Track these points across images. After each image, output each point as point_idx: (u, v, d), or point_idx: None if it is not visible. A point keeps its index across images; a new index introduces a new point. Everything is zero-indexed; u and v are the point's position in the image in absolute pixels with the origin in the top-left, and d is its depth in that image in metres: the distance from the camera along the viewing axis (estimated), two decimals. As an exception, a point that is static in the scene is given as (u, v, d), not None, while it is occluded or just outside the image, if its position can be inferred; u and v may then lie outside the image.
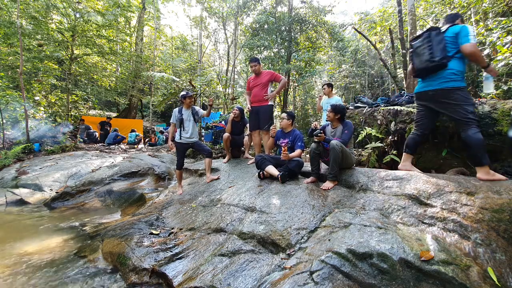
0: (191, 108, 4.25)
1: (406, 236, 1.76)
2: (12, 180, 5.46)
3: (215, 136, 8.85)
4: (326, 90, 5.16)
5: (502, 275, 1.51)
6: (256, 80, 4.19)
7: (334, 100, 5.00)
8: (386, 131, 4.82)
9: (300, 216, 2.40)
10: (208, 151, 4.29)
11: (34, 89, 11.10)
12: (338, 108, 3.26)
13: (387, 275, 1.54)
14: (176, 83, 11.94)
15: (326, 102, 5.08)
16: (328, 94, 5.16)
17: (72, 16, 11.07)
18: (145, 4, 15.06)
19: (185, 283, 1.94)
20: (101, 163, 6.47)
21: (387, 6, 13.78)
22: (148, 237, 2.73)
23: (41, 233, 3.35)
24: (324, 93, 5.23)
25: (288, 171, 3.26)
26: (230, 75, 15.05)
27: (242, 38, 16.04)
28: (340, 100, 5.09)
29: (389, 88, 16.36)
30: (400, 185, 2.41)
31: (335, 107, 3.27)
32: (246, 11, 12.86)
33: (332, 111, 3.27)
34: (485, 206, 1.84)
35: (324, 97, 5.27)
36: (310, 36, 12.75)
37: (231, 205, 2.99)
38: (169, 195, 4.38)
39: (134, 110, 15.67)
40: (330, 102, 4.91)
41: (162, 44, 21.54)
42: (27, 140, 7.73)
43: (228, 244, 2.26)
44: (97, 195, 4.88)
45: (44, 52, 10.34)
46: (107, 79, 14.88)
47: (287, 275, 1.74)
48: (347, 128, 3.17)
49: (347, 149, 3.01)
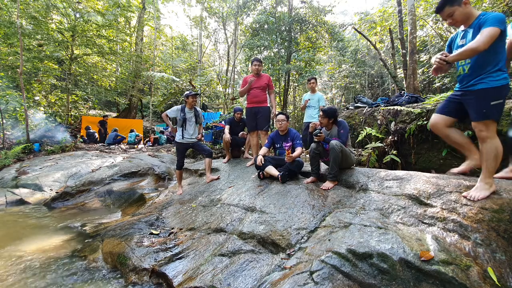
0: (193, 108, 4.24)
1: (406, 236, 1.76)
2: (12, 180, 5.45)
3: (215, 136, 8.86)
4: (313, 84, 4.86)
5: (502, 275, 1.51)
6: (255, 81, 4.19)
7: (317, 96, 4.81)
8: (386, 131, 4.82)
9: (300, 216, 2.40)
10: (208, 151, 4.29)
11: (34, 89, 11.10)
12: (329, 112, 3.18)
13: (387, 275, 1.54)
14: (176, 83, 11.95)
15: (308, 98, 4.85)
16: (313, 89, 4.91)
17: (72, 16, 11.08)
18: (145, 4, 15.06)
19: (185, 283, 1.94)
20: (101, 163, 6.47)
21: (387, 6, 13.78)
22: (148, 237, 2.73)
23: (41, 233, 3.35)
24: (311, 87, 4.91)
25: (288, 171, 3.26)
26: (230, 75, 15.05)
27: (242, 38, 16.05)
28: (323, 97, 4.89)
29: (389, 88, 16.36)
30: (400, 185, 2.41)
31: (327, 112, 3.18)
32: (246, 11, 12.86)
33: (325, 117, 3.18)
34: (485, 206, 1.84)
35: (306, 94, 5.01)
36: (310, 36, 12.76)
37: (231, 205, 2.99)
38: (169, 195, 4.38)
39: (134, 110, 15.66)
40: (313, 99, 4.80)
41: (162, 44, 21.55)
42: (27, 140, 7.73)
43: (228, 244, 2.26)
44: (97, 195, 4.88)
45: (44, 52, 10.35)
46: (107, 79, 14.88)
47: (287, 275, 1.74)
48: (342, 127, 3.14)
49: (347, 149, 3.00)
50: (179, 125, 4.14)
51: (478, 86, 1.95)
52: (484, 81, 1.93)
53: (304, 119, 4.99)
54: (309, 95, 4.91)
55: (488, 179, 1.95)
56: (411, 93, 6.63)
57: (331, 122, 3.22)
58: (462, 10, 1.94)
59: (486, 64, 1.92)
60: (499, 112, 1.93)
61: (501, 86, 1.89)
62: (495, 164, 1.94)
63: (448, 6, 1.97)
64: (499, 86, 1.89)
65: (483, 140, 1.97)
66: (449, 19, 2.01)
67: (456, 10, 1.95)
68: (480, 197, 1.92)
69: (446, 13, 2.00)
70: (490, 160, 1.94)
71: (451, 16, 1.99)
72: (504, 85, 1.89)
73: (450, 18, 2.00)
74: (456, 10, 1.95)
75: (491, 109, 1.91)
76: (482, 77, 1.93)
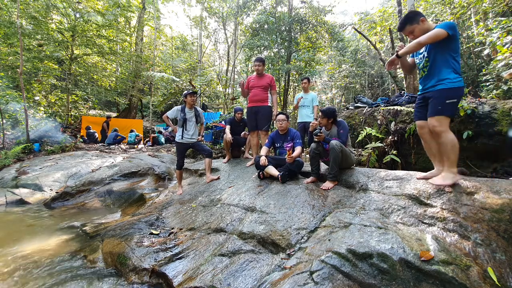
0: (193, 108, 4.23)
1: (406, 236, 1.76)
2: (12, 180, 5.45)
3: (215, 136, 8.86)
4: (305, 84, 4.89)
5: (502, 275, 1.51)
6: (257, 80, 4.18)
7: (310, 96, 4.84)
8: (386, 131, 4.82)
9: (300, 216, 2.40)
10: (208, 151, 4.28)
11: (34, 89, 11.10)
12: (329, 112, 3.18)
13: (387, 275, 1.54)
14: (176, 83, 11.96)
15: (301, 96, 4.87)
16: (306, 89, 4.95)
17: (72, 16, 11.07)
18: (145, 4, 15.05)
19: (185, 283, 1.94)
20: (101, 163, 6.47)
21: (387, 6, 13.79)
22: (148, 237, 2.73)
23: (41, 233, 3.35)
24: (304, 87, 4.96)
25: (288, 171, 3.26)
26: (230, 75, 15.06)
27: (242, 38, 16.05)
28: (316, 96, 4.91)
29: (389, 88, 16.36)
30: (400, 185, 2.41)
31: (326, 112, 3.18)
32: (246, 11, 12.86)
33: (325, 117, 3.18)
34: (485, 206, 1.85)
35: (299, 94, 5.02)
36: (310, 36, 12.76)
37: (231, 205, 2.99)
38: (169, 195, 4.38)
39: (134, 110, 15.66)
40: (307, 99, 4.82)
41: (162, 44, 21.54)
42: (27, 140, 7.73)
43: (228, 244, 2.26)
44: (97, 195, 4.88)
45: (44, 52, 10.34)
46: (107, 79, 14.87)
47: (287, 275, 1.74)
48: (342, 127, 3.14)
49: (347, 149, 3.00)
50: (179, 125, 4.14)
51: (438, 87, 2.19)
52: (443, 83, 2.17)
53: (298, 118, 5.02)
54: (302, 94, 4.94)
55: (451, 168, 2.19)
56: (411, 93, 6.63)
57: (330, 122, 3.21)
58: (420, 27, 2.21)
59: (444, 67, 2.17)
60: (452, 110, 2.18)
61: (457, 87, 2.14)
62: (454, 154, 2.17)
63: (409, 25, 2.26)
64: (455, 87, 2.14)
65: (438, 134, 2.21)
66: (410, 35, 2.28)
67: (416, 28, 2.23)
68: (443, 184, 2.17)
69: (407, 31, 2.28)
70: (448, 151, 2.18)
71: (412, 33, 2.26)
72: (460, 86, 2.15)
73: (411, 34, 2.27)
74: (415, 27, 2.23)
75: (446, 106, 2.15)
76: (441, 78, 2.18)
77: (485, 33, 7.04)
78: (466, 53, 10.70)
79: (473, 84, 8.92)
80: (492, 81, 6.11)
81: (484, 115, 3.73)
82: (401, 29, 2.32)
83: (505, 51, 5.30)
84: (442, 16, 10.06)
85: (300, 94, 4.99)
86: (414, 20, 2.23)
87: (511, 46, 5.29)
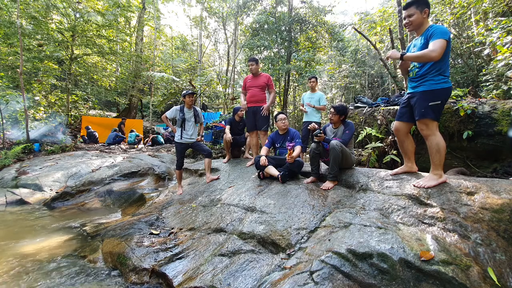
0: (193, 108, 4.24)
1: (406, 236, 1.76)
2: (12, 180, 5.45)
3: (215, 136, 8.86)
4: (313, 83, 4.79)
5: (502, 275, 1.51)
6: (253, 81, 4.18)
7: (317, 95, 4.75)
8: (386, 131, 4.82)
9: (300, 216, 2.40)
10: (207, 151, 4.28)
11: (34, 89, 11.08)
12: (341, 109, 3.18)
13: (387, 275, 1.54)
14: (176, 83, 11.95)
15: (308, 97, 4.79)
16: (313, 88, 4.85)
17: (72, 16, 11.07)
18: (145, 4, 15.06)
19: (185, 283, 1.94)
20: (101, 163, 6.47)
21: (387, 6, 13.78)
22: (148, 237, 2.73)
23: (41, 233, 3.35)
24: (311, 86, 4.84)
25: (288, 171, 3.26)
26: (230, 75, 15.05)
27: (242, 38, 16.05)
28: (323, 96, 4.83)
29: (389, 88, 16.35)
30: (400, 185, 2.41)
31: (339, 108, 3.18)
32: (246, 11, 12.87)
33: (336, 113, 3.17)
34: (485, 206, 1.84)
35: (306, 93, 4.95)
36: (310, 36, 12.76)
37: (231, 205, 2.99)
38: (169, 195, 4.38)
39: (134, 110, 15.66)
40: (314, 98, 4.75)
41: (162, 44, 21.54)
42: (27, 140, 7.73)
43: (228, 244, 2.26)
44: (97, 195, 4.88)
45: (44, 52, 10.34)
46: (107, 79, 14.87)
47: (287, 275, 1.74)
48: (348, 128, 3.14)
49: (347, 149, 3.00)
50: (178, 125, 4.14)
51: (420, 88, 2.20)
52: (425, 84, 2.17)
53: (304, 118, 4.93)
54: (309, 94, 4.87)
55: (436, 171, 2.21)
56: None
57: (341, 120, 3.22)
58: (420, 16, 2.19)
59: (430, 68, 2.16)
60: (436, 113, 2.16)
61: (440, 89, 2.12)
62: (439, 157, 2.19)
63: (414, 7, 2.21)
64: (438, 88, 2.12)
65: (426, 137, 2.23)
66: (408, 18, 2.25)
67: (416, 14, 2.19)
68: (427, 185, 2.18)
69: (409, 11, 2.23)
70: (433, 154, 2.21)
71: (410, 17, 2.23)
72: (444, 88, 2.12)
73: (409, 18, 2.24)
74: (416, 13, 2.20)
75: (428, 109, 2.14)
76: (425, 79, 2.17)
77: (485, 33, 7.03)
78: (466, 53, 10.69)
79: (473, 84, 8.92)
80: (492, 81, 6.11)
81: (484, 115, 3.73)
82: (407, 7, 2.26)
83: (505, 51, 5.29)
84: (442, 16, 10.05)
85: (307, 94, 4.90)
86: (420, 6, 2.18)
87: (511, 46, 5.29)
